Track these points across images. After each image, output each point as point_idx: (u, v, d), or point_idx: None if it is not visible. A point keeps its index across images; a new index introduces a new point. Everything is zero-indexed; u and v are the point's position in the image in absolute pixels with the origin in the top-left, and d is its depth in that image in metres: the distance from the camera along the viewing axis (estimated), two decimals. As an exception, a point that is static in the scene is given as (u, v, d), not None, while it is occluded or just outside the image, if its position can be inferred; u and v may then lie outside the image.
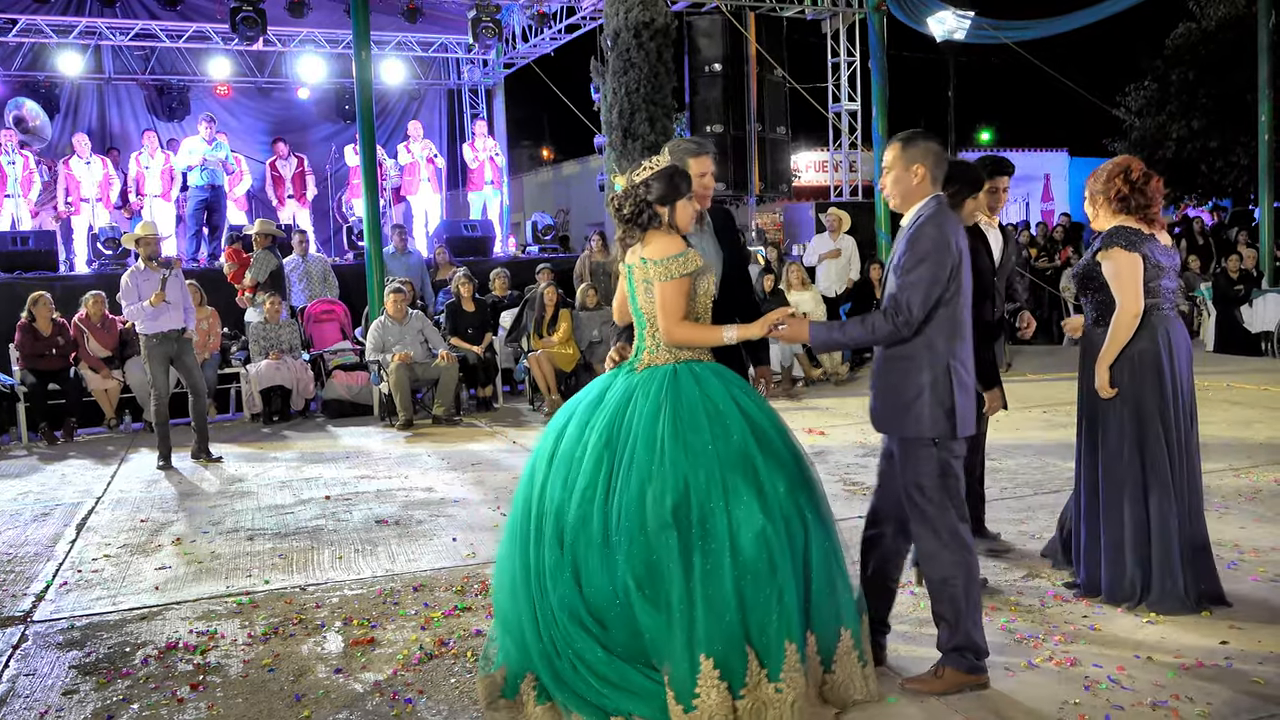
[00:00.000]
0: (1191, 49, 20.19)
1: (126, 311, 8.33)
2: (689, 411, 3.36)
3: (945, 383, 3.47)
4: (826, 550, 3.35)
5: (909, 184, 3.59)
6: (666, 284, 3.49)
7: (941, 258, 3.43)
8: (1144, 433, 4.24)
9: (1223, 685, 3.55)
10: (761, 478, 3.29)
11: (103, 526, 6.47)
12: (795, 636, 3.21)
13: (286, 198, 14.94)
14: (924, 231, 3.47)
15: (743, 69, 14.70)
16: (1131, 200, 4.26)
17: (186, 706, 3.75)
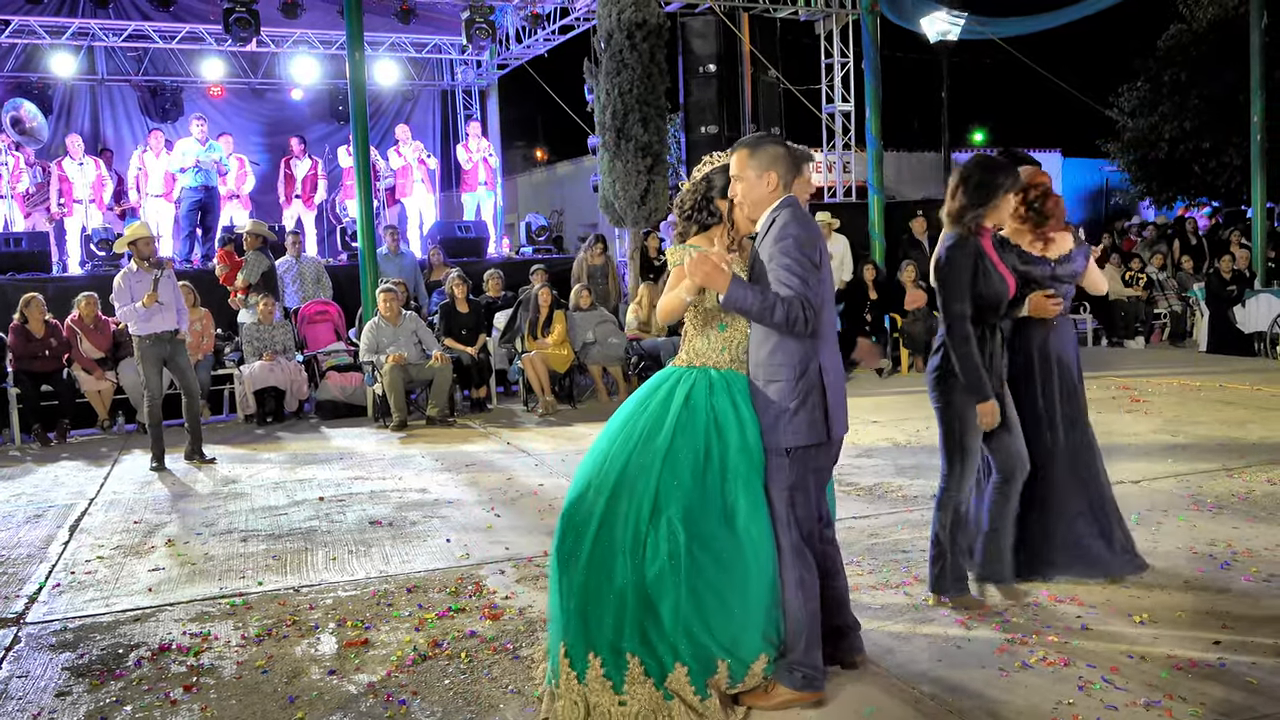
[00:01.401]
0: (1183, 50, 20.25)
1: (119, 313, 8.31)
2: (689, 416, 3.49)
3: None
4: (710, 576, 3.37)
5: (762, 192, 3.48)
6: (679, 267, 3.59)
7: (809, 255, 3.38)
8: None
9: (1216, 684, 3.56)
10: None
11: (96, 528, 6.46)
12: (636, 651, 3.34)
13: (294, 197, 14.90)
14: (787, 230, 3.39)
15: (736, 70, 14.74)
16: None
17: (180, 708, 3.74)
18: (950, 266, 4.17)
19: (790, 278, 3.33)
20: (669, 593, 3.34)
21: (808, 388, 3.39)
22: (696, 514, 3.38)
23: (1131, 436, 7.82)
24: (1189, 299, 14.23)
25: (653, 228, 13.25)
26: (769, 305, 3.32)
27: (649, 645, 3.35)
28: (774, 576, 3.44)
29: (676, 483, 3.38)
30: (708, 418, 3.46)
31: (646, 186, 12.48)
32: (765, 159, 3.49)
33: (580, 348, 10.84)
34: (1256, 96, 13.64)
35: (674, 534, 3.34)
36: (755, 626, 3.43)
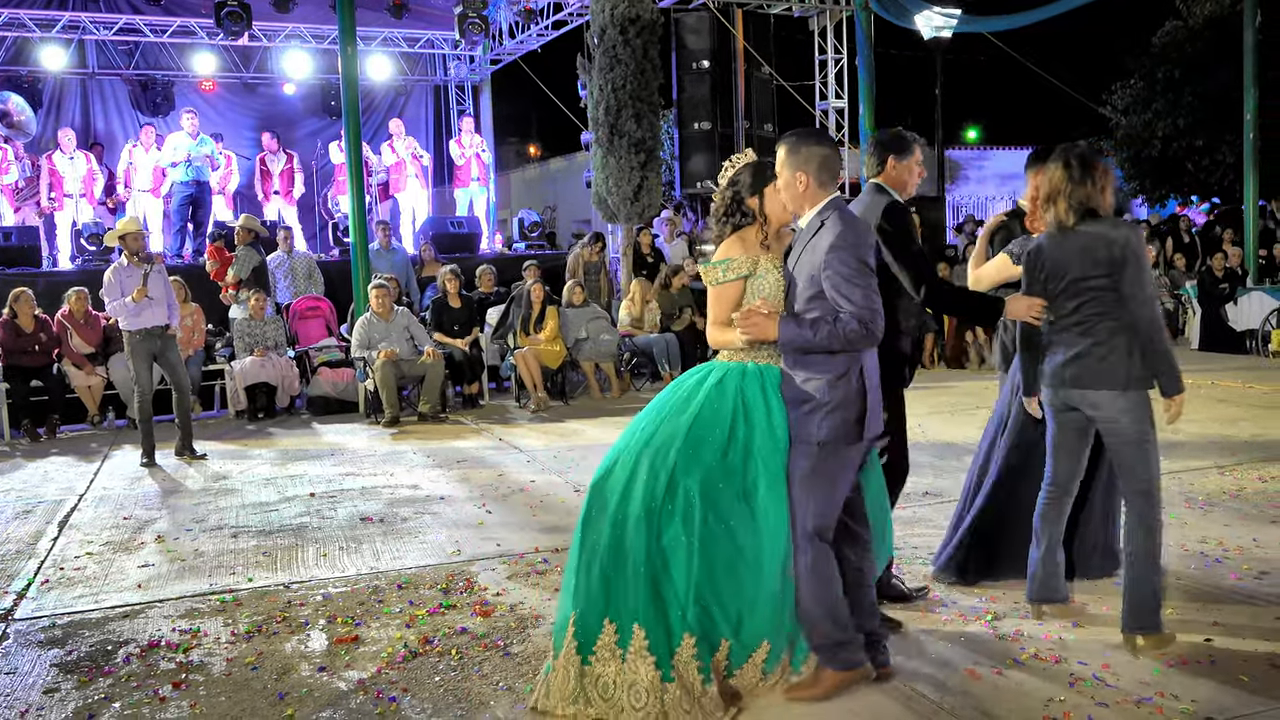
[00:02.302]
0: (1178, 47, 20.26)
1: (109, 307, 8.28)
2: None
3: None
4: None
5: (795, 192, 3.50)
6: (714, 288, 3.60)
7: (868, 261, 3.42)
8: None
9: (1207, 682, 3.56)
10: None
11: (85, 524, 6.43)
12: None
13: (273, 193, 14.85)
14: (842, 238, 3.36)
15: (730, 66, 14.72)
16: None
17: (169, 705, 3.72)
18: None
19: (851, 289, 3.32)
20: (682, 559, 3.38)
21: (847, 388, 3.40)
22: (715, 487, 3.42)
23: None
24: (1181, 297, 14.25)
25: (646, 224, 13.23)
26: (823, 334, 3.35)
27: (661, 613, 3.37)
28: (785, 563, 3.43)
29: (696, 456, 3.43)
30: (736, 401, 3.51)
31: (640, 183, 12.46)
32: (799, 159, 3.48)
33: (573, 344, 10.82)
34: (1249, 94, 13.66)
35: (690, 502, 3.39)
36: (764, 608, 3.43)
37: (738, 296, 3.55)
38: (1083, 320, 3.83)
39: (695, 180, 14.82)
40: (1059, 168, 3.84)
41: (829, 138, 3.61)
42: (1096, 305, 3.80)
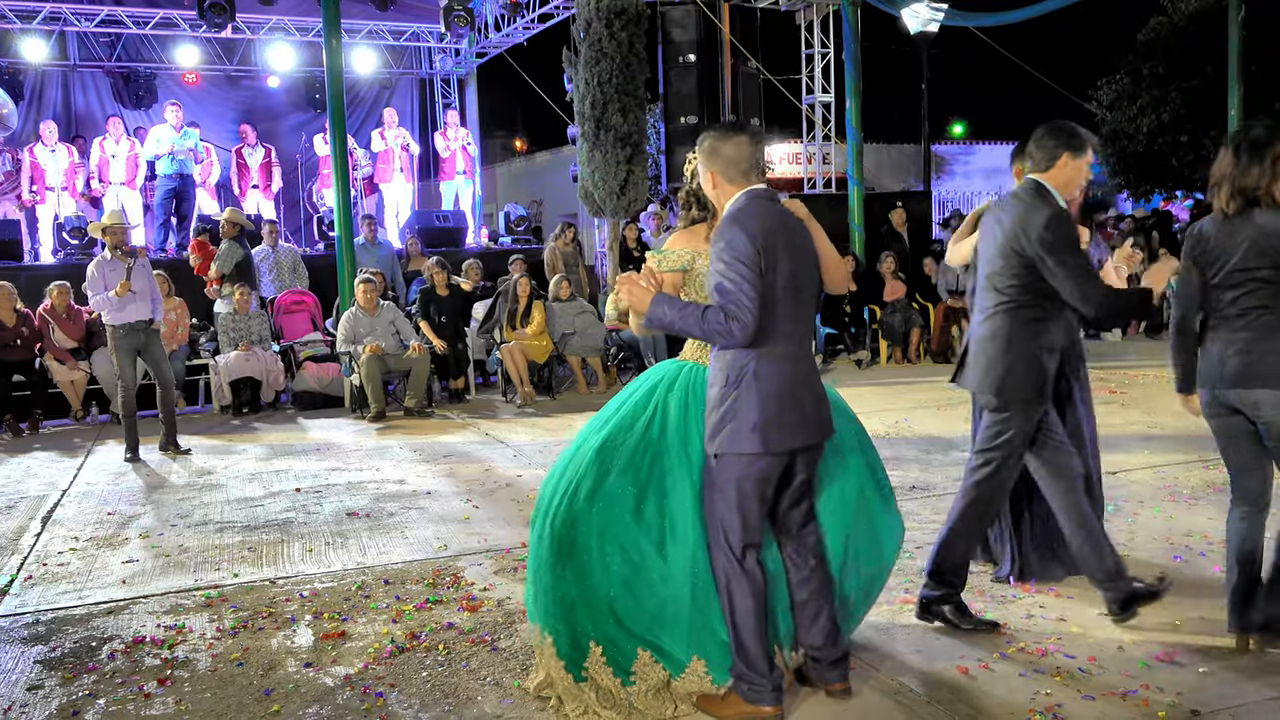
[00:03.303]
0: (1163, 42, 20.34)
1: (93, 302, 8.22)
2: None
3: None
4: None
5: (710, 190, 3.38)
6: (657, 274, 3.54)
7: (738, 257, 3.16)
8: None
9: (1192, 674, 3.58)
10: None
11: (69, 519, 6.38)
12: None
13: (250, 188, 14.74)
14: (721, 232, 3.23)
15: (716, 60, 14.70)
16: None
17: (154, 701, 3.70)
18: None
19: (722, 280, 3.13)
20: (590, 569, 3.36)
21: (739, 395, 3.19)
22: (615, 495, 3.39)
23: (1108, 428, 7.84)
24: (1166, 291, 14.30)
25: (632, 218, 13.21)
26: (686, 317, 3.17)
27: (570, 619, 3.38)
28: (698, 577, 3.35)
29: (605, 461, 3.44)
30: (656, 404, 3.51)
31: (626, 177, 12.44)
32: (705, 155, 3.35)
33: (559, 338, 10.80)
34: (1233, 90, 13.71)
35: (588, 512, 3.39)
36: (678, 620, 3.36)
37: (672, 288, 3.51)
38: (1241, 313, 3.60)
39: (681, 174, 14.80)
40: (1227, 152, 3.70)
41: (740, 129, 3.39)
42: (1257, 298, 3.57)
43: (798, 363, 3.27)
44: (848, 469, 3.62)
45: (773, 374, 3.20)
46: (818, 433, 3.31)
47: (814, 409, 3.29)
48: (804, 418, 3.25)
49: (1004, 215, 3.90)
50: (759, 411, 3.17)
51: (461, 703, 3.58)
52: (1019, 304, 3.85)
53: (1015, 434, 3.89)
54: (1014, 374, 3.86)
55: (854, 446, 3.68)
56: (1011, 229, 3.82)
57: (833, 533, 3.52)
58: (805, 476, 3.38)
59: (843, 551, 3.55)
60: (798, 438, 3.24)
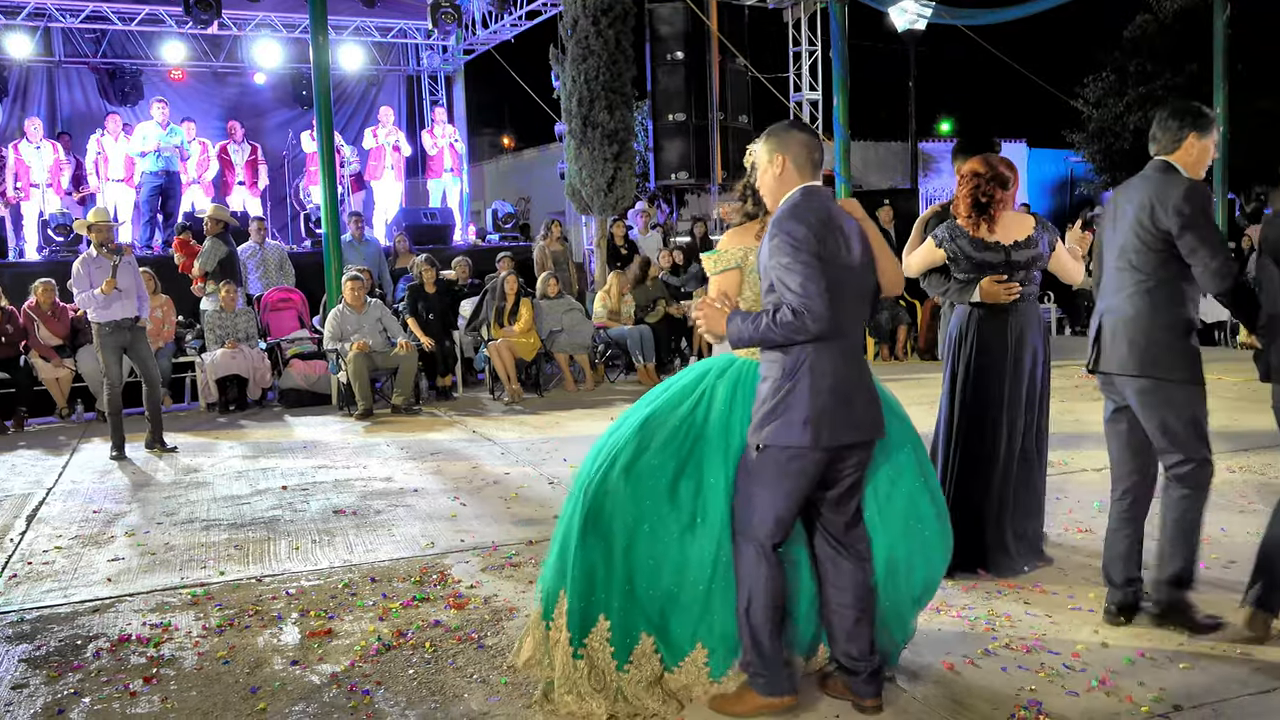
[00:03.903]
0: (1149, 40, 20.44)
1: (78, 299, 8.18)
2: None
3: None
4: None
5: (773, 174, 3.33)
6: (712, 278, 3.58)
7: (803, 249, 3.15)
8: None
9: (1176, 670, 3.60)
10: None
11: (54, 518, 6.36)
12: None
13: (237, 184, 14.68)
14: (780, 225, 3.21)
15: (704, 57, 14.69)
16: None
17: (139, 700, 3.69)
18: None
19: (788, 276, 3.12)
20: (615, 541, 3.37)
21: (793, 390, 3.17)
22: (647, 478, 3.38)
23: (1094, 425, 7.84)
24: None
25: (619, 215, 13.20)
26: (761, 326, 3.16)
27: (589, 587, 3.37)
28: (720, 566, 3.36)
29: (641, 444, 3.42)
30: (702, 394, 3.49)
31: (613, 174, 12.43)
32: (777, 142, 3.33)
33: (547, 336, 10.80)
34: (1219, 88, 13.77)
35: (619, 490, 3.38)
36: (689, 606, 3.37)
37: (732, 287, 3.51)
38: None
39: (669, 172, 14.81)
40: None
41: (808, 129, 3.47)
42: None
43: (852, 359, 3.26)
44: (899, 474, 3.54)
45: (829, 369, 3.18)
46: (869, 431, 3.28)
47: (865, 407, 3.27)
48: (855, 415, 3.22)
49: (1133, 194, 3.90)
50: (811, 405, 3.16)
51: (448, 700, 3.58)
52: (1160, 280, 3.82)
53: (1184, 412, 3.91)
54: (1166, 350, 3.83)
55: (906, 449, 3.57)
56: (1146, 204, 3.80)
57: (878, 540, 3.45)
58: (854, 477, 3.32)
59: (886, 559, 3.47)
60: (847, 434, 3.21)
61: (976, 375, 4.60)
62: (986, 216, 4.53)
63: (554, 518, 5.78)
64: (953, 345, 4.71)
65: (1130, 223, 3.86)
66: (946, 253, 4.63)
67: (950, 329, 4.75)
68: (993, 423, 4.57)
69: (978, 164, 4.56)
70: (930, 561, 3.58)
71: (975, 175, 4.53)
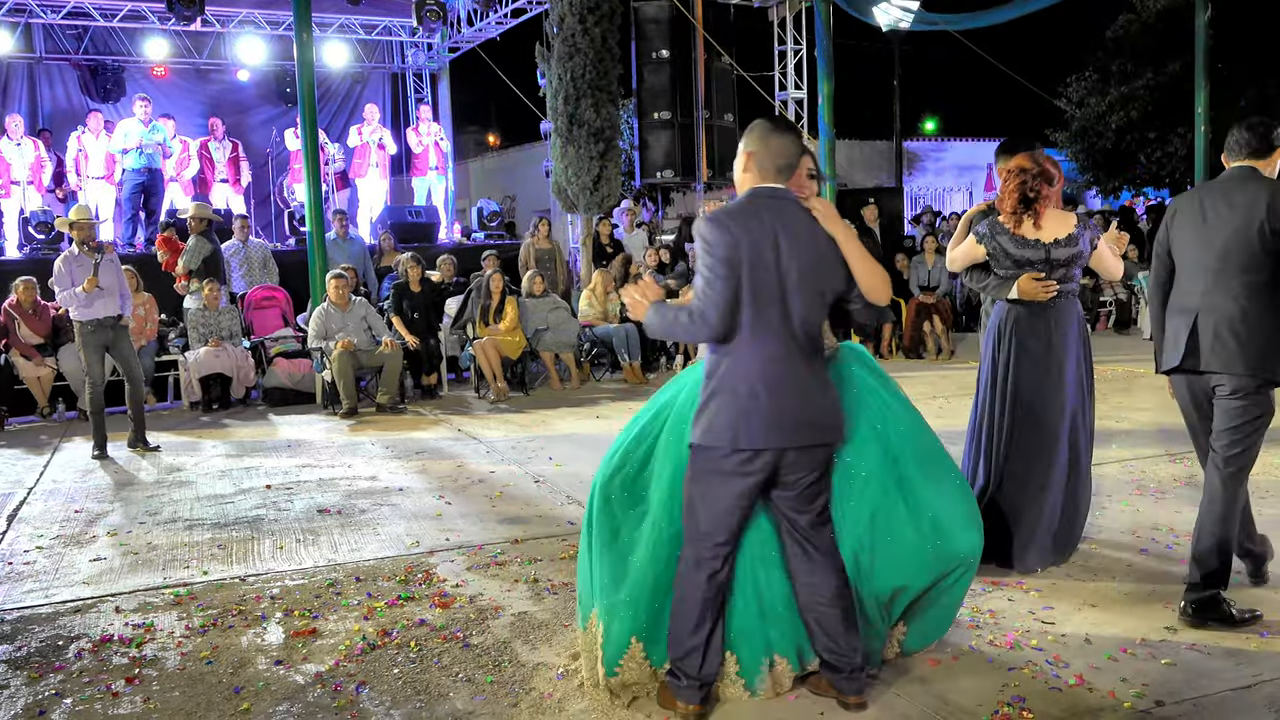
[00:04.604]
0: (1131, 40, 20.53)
1: (59, 297, 8.13)
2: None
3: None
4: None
5: (739, 168, 3.34)
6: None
7: (712, 255, 3.17)
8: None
9: (1157, 665, 3.62)
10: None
11: (35, 517, 6.31)
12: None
13: (218, 182, 14.61)
14: (700, 228, 3.22)
15: (690, 55, 14.69)
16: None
17: (122, 700, 3.67)
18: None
19: (698, 279, 3.19)
20: (595, 533, 3.52)
21: (716, 388, 3.21)
22: (616, 473, 3.53)
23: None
24: (1134, 287, 14.45)
25: (605, 214, 13.20)
26: (669, 321, 3.26)
27: (605, 599, 3.46)
28: (656, 553, 3.39)
29: (633, 446, 3.56)
30: (675, 392, 3.61)
31: (599, 172, 12.43)
32: (750, 138, 3.31)
33: (533, 334, 10.78)
34: (1200, 87, 13.87)
35: (605, 495, 3.54)
36: (630, 602, 3.38)
37: None
38: None
39: (655, 170, 14.81)
40: None
41: (791, 129, 3.40)
42: None
43: (780, 362, 3.19)
44: (863, 482, 3.48)
45: (748, 372, 3.17)
46: (807, 436, 3.21)
47: (799, 411, 3.20)
48: (784, 419, 3.18)
49: (1233, 197, 3.97)
50: (732, 407, 3.17)
51: (433, 699, 3.57)
52: (1272, 282, 3.89)
53: (1266, 415, 3.95)
54: (1277, 351, 3.89)
55: (874, 459, 3.50)
56: (1257, 207, 3.89)
57: (844, 540, 3.43)
58: (809, 480, 3.28)
59: (853, 563, 3.43)
60: (773, 438, 3.17)
61: (1015, 372, 4.62)
62: (1032, 212, 4.56)
63: (539, 516, 5.82)
64: (992, 341, 4.73)
65: (1238, 225, 3.93)
66: (987, 249, 4.66)
67: (990, 325, 4.79)
68: (1029, 420, 4.59)
69: (1024, 160, 4.59)
70: (904, 570, 3.46)
71: (1022, 171, 4.56)
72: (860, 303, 3.42)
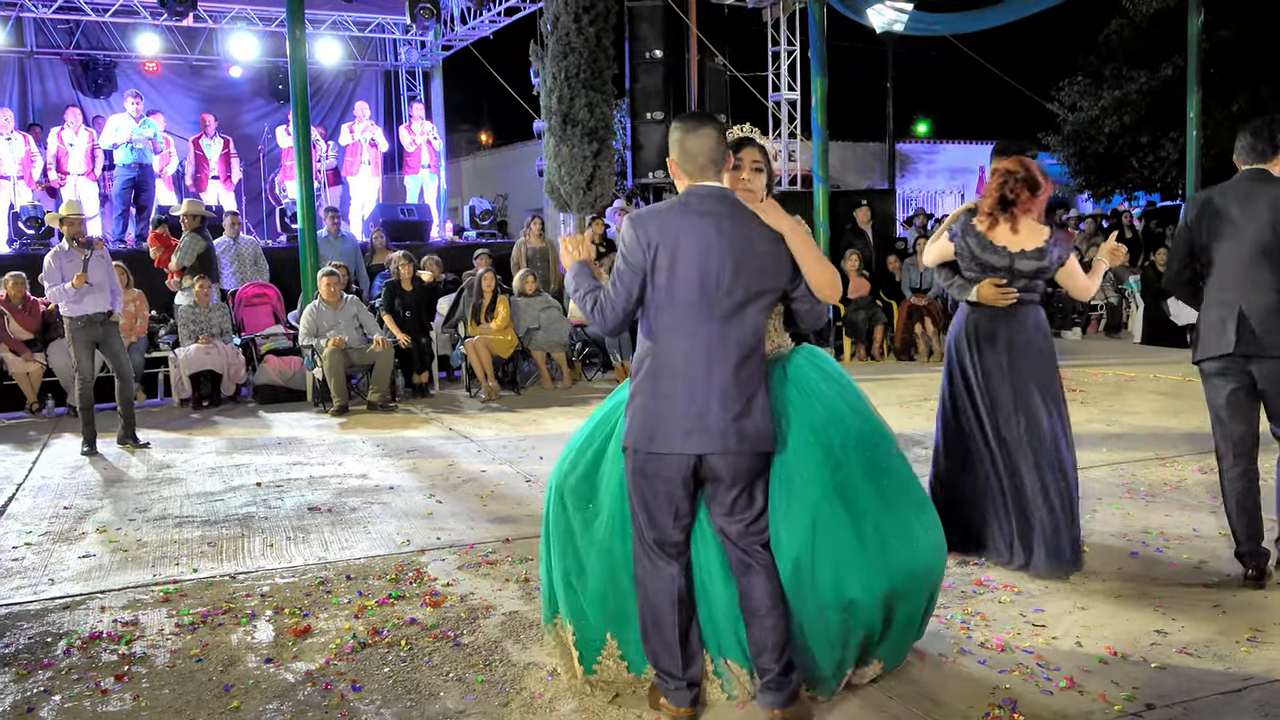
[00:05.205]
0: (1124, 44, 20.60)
1: (49, 293, 8.09)
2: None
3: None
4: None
5: (673, 176, 3.30)
6: None
7: (621, 256, 3.19)
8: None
9: (1148, 669, 3.63)
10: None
11: (24, 514, 6.28)
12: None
13: (210, 179, 14.54)
14: (624, 224, 3.23)
15: (683, 56, 14.72)
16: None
17: (111, 698, 3.65)
18: None
19: (612, 274, 3.23)
20: (552, 535, 3.58)
21: (637, 387, 3.20)
22: (569, 473, 3.53)
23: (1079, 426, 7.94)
24: (1125, 291, 14.50)
25: (598, 213, 13.19)
26: (582, 294, 3.31)
27: (560, 600, 3.55)
28: (614, 555, 3.38)
29: (577, 449, 3.58)
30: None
31: (592, 172, 12.44)
32: (670, 142, 3.25)
33: (524, 333, 10.77)
34: (1192, 92, 13.91)
35: (561, 496, 3.54)
36: (594, 601, 3.41)
37: None
38: None
39: (647, 170, 14.82)
40: None
41: (707, 121, 3.25)
42: None
43: (700, 364, 3.11)
44: (801, 485, 3.29)
45: (669, 371, 3.13)
46: (729, 444, 3.10)
47: (721, 417, 3.10)
48: (705, 424, 3.09)
49: (1254, 198, 4.30)
50: (650, 410, 3.15)
51: (423, 698, 3.56)
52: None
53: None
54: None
55: (814, 464, 3.31)
56: (1277, 208, 4.23)
57: (781, 554, 3.26)
58: (735, 489, 3.17)
59: (794, 570, 3.25)
60: (690, 443, 3.10)
61: (969, 374, 4.66)
62: (1009, 215, 4.57)
63: (530, 515, 5.81)
64: (953, 344, 4.78)
65: (1261, 224, 4.26)
66: (955, 248, 4.69)
67: (951, 328, 4.85)
68: (979, 421, 4.63)
69: (1012, 163, 4.61)
70: (851, 581, 3.26)
71: (1009, 173, 4.58)
72: (807, 301, 3.36)
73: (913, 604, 3.43)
